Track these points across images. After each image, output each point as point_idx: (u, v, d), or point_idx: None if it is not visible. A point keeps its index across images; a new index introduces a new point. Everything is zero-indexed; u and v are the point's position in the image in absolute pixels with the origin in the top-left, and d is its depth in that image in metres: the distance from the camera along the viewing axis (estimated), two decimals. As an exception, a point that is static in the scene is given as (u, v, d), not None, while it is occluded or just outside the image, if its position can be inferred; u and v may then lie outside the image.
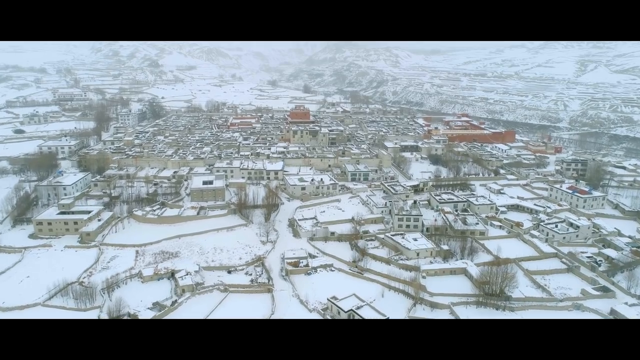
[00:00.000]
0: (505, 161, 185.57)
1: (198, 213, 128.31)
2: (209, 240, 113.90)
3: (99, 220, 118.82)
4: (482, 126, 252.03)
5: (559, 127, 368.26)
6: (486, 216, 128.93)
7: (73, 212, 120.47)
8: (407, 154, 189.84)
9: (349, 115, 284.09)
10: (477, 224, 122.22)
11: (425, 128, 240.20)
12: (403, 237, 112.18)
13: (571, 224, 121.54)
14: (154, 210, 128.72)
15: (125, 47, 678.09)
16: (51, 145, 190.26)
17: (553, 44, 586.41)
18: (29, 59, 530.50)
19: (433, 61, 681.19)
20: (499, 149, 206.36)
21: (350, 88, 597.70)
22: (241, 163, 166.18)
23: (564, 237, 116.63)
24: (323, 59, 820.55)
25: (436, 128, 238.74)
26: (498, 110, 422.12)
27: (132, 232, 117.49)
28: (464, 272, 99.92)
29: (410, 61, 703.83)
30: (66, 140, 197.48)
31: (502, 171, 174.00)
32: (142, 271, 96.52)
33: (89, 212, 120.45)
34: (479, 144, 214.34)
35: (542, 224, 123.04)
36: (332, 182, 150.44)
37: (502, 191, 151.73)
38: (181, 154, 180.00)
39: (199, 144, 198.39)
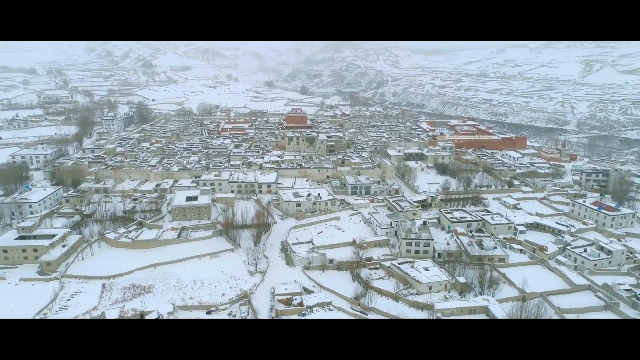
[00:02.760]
0: (518, 171, 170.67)
1: (179, 235, 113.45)
2: (189, 270, 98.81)
3: (64, 246, 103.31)
4: (491, 131, 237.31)
5: (567, 131, 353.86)
6: (504, 238, 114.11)
7: (35, 237, 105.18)
8: (412, 163, 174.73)
9: (348, 120, 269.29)
10: (496, 248, 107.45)
11: (430, 133, 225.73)
12: (412, 267, 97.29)
13: (602, 248, 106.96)
14: (130, 232, 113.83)
15: (119, 47, 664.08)
16: (25, 154, 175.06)
17: (556, 43, 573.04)
18: (21, 59, 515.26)
19: (434, 61, 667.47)
20: (510, 156, 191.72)
21: (349, 89, 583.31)
22: (231, 175, 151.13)
23: (595, 265, 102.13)
24: (322, 59, 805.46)
25: (442, 134, 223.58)
26: (503, 112, 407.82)
27: (101, 260, 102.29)
28: (486, 311, 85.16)
29: (410, 61, 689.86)
30: (42, 148, 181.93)
31: (516, 182, 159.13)
32: (106, 313, 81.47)
33: (53, 236, 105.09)
34: (489, 151, 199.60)
35: (568, 247, 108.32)
36: (331, 197, 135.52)
37: (518, 206, 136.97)
38: (166, 165, 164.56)
39: (186, 152, 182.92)
